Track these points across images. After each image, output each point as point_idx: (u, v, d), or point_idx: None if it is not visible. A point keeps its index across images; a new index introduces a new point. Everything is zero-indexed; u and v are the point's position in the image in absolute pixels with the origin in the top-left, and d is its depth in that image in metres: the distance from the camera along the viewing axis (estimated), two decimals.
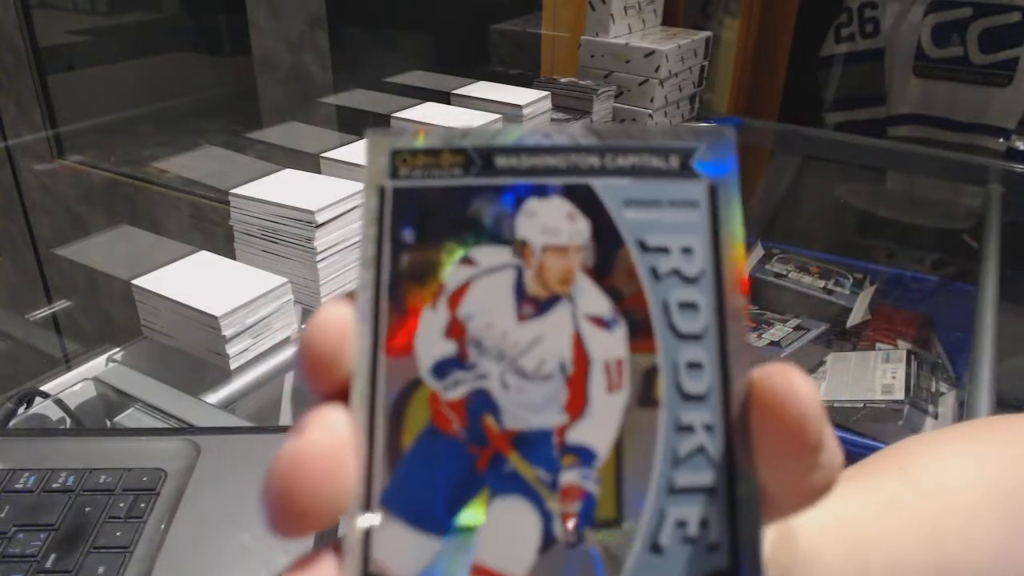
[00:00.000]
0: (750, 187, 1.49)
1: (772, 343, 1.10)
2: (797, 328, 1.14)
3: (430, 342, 0.18)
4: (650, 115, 1.31)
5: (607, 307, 0.18)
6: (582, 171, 0.19)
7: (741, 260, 0.19)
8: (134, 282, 0.74)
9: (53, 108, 1.54)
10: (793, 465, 0.17)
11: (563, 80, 1.27)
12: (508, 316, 0.18)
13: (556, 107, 1.21)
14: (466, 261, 0.19)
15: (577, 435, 0.18)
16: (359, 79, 1.49)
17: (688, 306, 0.18)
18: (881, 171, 1.51)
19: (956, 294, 1.13)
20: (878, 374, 1.03)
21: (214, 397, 0.72)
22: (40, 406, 0.67)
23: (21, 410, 0.65)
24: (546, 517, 0.18)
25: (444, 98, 1.16)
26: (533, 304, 0.18)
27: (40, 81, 1.52)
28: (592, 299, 0.18)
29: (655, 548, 0.17)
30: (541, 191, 0.19)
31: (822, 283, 1.18)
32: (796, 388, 0.17)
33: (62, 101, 1.56)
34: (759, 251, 1.26)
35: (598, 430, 0.18)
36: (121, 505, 0.50)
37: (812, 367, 1.08)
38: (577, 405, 0.18)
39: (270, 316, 0.75)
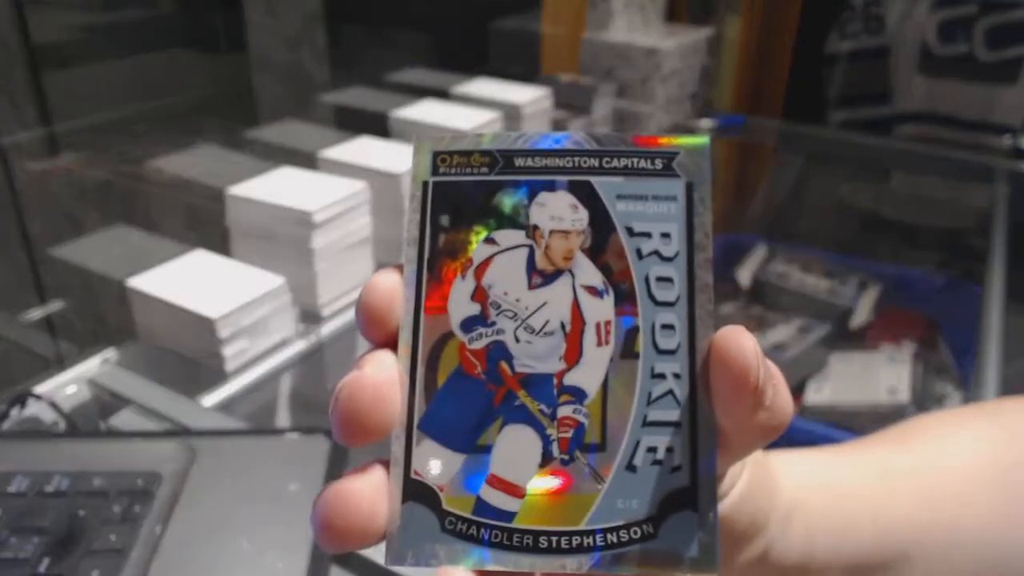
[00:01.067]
0: (753, 186, 1.48)
1: (776, 346, 1.09)
2: (801, 329, 1.13)
3: (460, 304, 0.23)
4: (651, 114, 1.29)
5: (600, 279, 0.23)
6: (584, 170, 0.23)
7: (710, 244, 0.23)
8: (128, 283, 0.73)
9: (47, 106, 1.53)
10: (741, 405, 0.21)
11: (564, 78, 1.26)
12: (521, 285, 0.23)
13: (557, 105, 1.20)
14: (489, 241, 0.23)
15: (572, 378, 0.22)
16: (357, 77, 1.48)
17: (665, 280, 0.23)
18: (886, 170, 1.50)
19: (962, 295, 1.12)
20: (883, 376, 1.03)
21: (210, 399, 0.71)
22: (33, 408, 0.66)
23: (14, 412, 0.65)
24: (546, 440, 0.22)
25: (444, 96, 1.15)
26: (541, 276, 0.23)
27: (34, 79, 1.51)
28: (588, 273, 0.23)
29: (630, 467, 0.22)
30: (550, 186, 0.23)
31: (826, 283, 1.17)
32: (743, 344, 0.21)
33: (56, 99, 1.54)
34: (762, 251, 1.25)
35: (589, 375, 0.22)
36: (115, 508, 0.50)
37: (816, 369, 1.07)
38: (573, 355, 0.23)
39: (267, 317, 0.73)
